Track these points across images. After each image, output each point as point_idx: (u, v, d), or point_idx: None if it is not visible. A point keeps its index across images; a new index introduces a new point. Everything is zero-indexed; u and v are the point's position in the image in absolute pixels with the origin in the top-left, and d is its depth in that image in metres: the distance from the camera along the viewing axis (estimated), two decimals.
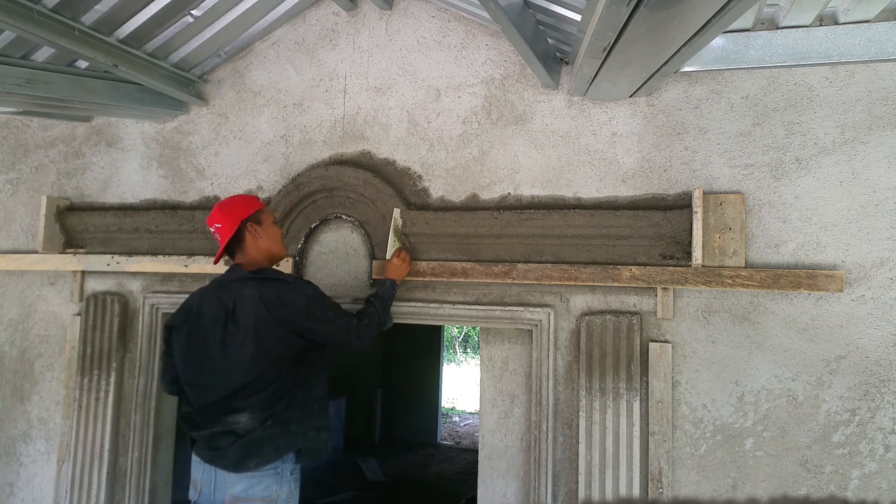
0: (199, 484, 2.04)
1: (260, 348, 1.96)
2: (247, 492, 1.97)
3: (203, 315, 2.05)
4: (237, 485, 1.98)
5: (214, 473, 2.02)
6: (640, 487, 2.17)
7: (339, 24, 2.72)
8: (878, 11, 1.91)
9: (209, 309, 2.05)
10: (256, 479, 1.98)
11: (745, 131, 2.21)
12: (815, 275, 2.04)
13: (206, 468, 2.03)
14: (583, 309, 2.32)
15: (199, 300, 2.10)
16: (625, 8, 1.38)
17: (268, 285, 2.02)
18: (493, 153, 2.47)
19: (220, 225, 2.11)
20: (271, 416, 1.99)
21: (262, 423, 1.97)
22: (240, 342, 1.97)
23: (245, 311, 1.99)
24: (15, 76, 2.25)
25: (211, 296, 2.08)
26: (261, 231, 2.14)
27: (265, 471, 1.98)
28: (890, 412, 2.03)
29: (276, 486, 2.00)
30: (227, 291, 2.05)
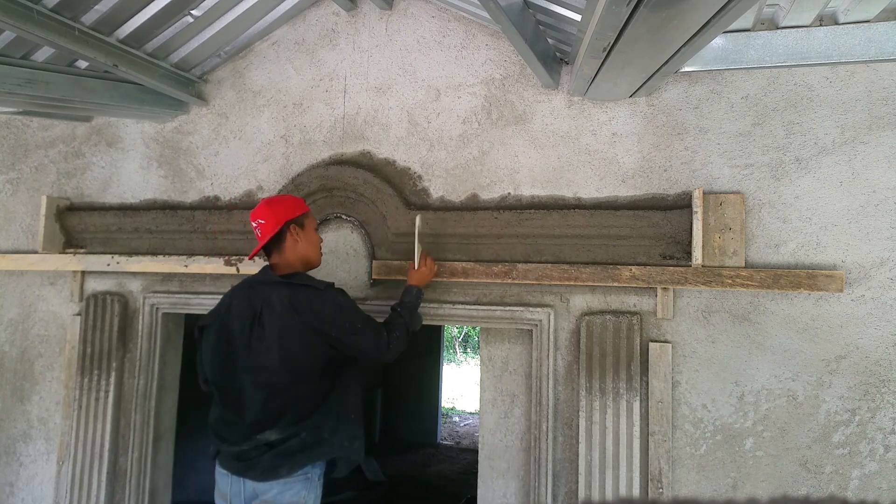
0: (229, 496, 1.99)
1: (285, 354, 1.92)
2: (277, 497, 1.94)
3: (232, 314, 2.03)
4: (269, 491, 1.94)
5: (243, 485, 1.97)
6: (640, 487, 2.17)
7: (339, 24, 2.72)
8: (878, 11, 1.91)
9: (238, 308, 2.03)
10: (289, 485, 1.95)
11: (745, 131, 2.21)
12: (815, 275, 2.04)
13: (235, 479, 1.98)
14: (583, 309, 2.32)
15: (230, 299, 2.08)
16: (625, 8, 1.38)
17: (299, 290, 1.98)
18: (493, 153, 2.47)
19: (264, 221, 2.06)
20: (305, 427, 1.95)
21: (295, 435, 1.94)
22: (265, 346, 1.94)
23: (272, 314, 1.95)
24: (15, 76, 2.25)
25: (241, 295, 2.06)
26: (302, 236, 2.11)
27: (297, 476, 1.96)
28: (890, 412, 2.03)
29: (304, 491, 1.98)
30: (257, 293, 2.02)
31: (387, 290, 2.53)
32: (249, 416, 1.95)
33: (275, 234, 2.06)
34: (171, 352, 2.91)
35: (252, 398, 1.94)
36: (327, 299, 1.98)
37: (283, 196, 2.19)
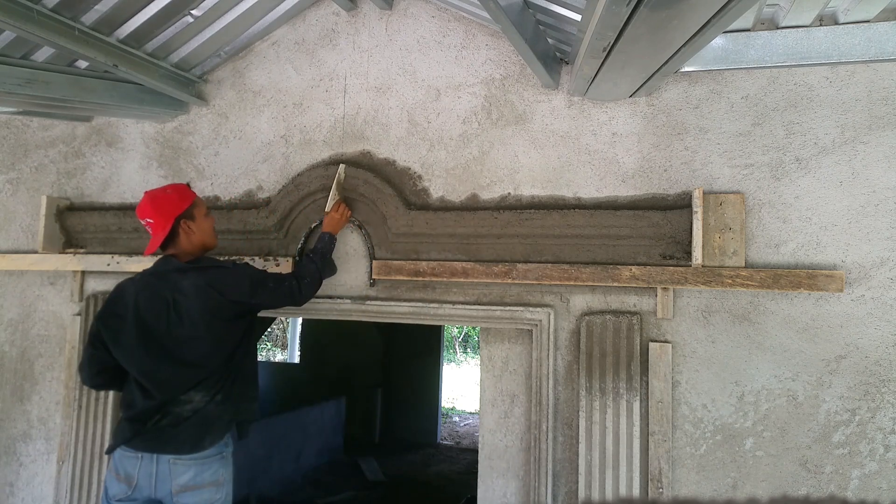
0: (135, 478, 2.01)
1: (211, 333, 2.04)
2: (196, 479, 2.01)
3: (141, 308, 2.06)
4: (185, 473, 2.00)
5: (156, 466, 2.01)
6: (640, 487, 2.17)
7: (339, 24, 2.72)
8: (878, 11, 1.91)
9: (147, 301, 2.06)
10: (206, 464, 2.04)
11: (745, 131, 2.21)
12: (815, 275, 2.04)
13: (145, 462, 2.01)
14: (583, 309, 2.32)
15: (134, 293, 2.10)
16: (625, 8, 1.38)
17: (212, 273, 2.10)
18: (493, 153, 2.47)
19: (153, 220, 2.11)
20: (220, 391, 2.08)
21: (212, 398, 2.06)
22: (188, 331, 2.02)
23: (189, 300, 2.04)
24: (15, 76, 2.25)
25: (146, 288, 2.09)
26: (194, 227, 2.17)
27: (213, 456, 2.05)
28: (890, 412, 2.03)
29: (222, 469, 2.09)
30: (165, 283, 2.08)
31: (387, 290, 2.53)
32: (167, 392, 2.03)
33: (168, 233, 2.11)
34: None
35: (174, 380, 2.03)
36: (239, 274, 2.13)
37: (167, 189, 2.21)
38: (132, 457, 2.03)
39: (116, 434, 2.09)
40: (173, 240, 2.16)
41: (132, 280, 2.16)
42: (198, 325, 2.03)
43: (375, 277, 2.50)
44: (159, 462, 2.01)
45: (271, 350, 14.85)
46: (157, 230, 2.12)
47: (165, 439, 2.01)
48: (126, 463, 2.04)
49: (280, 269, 2.59)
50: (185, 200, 2.17)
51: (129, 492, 2.02)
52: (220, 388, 2.08)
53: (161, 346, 2.04)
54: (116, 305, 2.11)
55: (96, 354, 2.12)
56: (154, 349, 2.04)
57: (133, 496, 2.03)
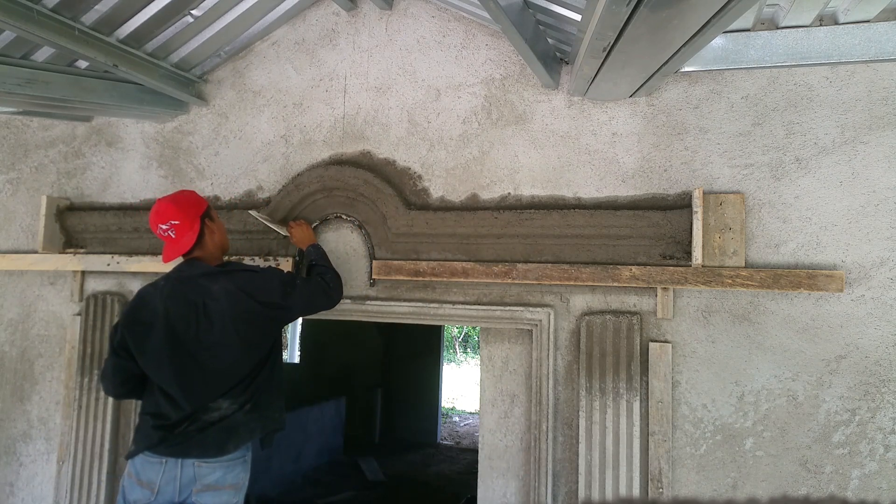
0: (157, 484, 1.99)
1: (242, 337, 2.01)
2: (220, 480, 2.01)
3: (171, 315, 2.01)
4: (211, 475, 2.00)
5: (180, 470, 1.99)
6: (640, 487, 2.17)
7: (339, 24, 2.72)
8: (878, 11, 1.91)
9: (176, 308, 2.02)
10: (230, 467, 2.03)
11: (745, 131, 2.21)
12: (815, 275, 2.04)
13: (168, 466, 2.00)
14: (583, 309, 2.32)
15: (163, 299, 2.04)
16: (625, 8, 1.39)
17: (242, 276, 2.09)
18: (493, 153, 2.47)
19: (178, 222, 2.07)
20: (249, 400, 2.06)
21: (241, 407, 2.04)
22: (218, 336, 2.00)
23: (220, 304, 2.01)
24: (15, 76, 2.25)
25: (174, 293, 2.04)
26: (215, 227, 2.18)
27: (236, 458, 2.05)
28: (890, 412, 2.03)
29: (243, 473, 2.09)
30: (194, 288, 2.04)
31: (387, 290, 2.53)
32: (197, 401, 2.01)
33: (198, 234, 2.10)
34: None
35: (202, 388, 2.01)
36: (269, 276, 2.13)
37: (183, 192, 2.20)
38: (155, 462, 2.00)
39: (139, 440, 2.04)
40: (200, 241, 2.12)
41: (155, 286, 2.10)
42: (228, 330, 1.99)
43: (375, 277, 2.50)
44: (184, 465, 1.99)
45: None
46: (184, 231, 2.07)
47: (191, 444, 1.99)
48: (148, 469, 2.01)
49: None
50: (202, 201, 2.18)
51: (151, 497, 1.99)
52: (249, 396, 2.06)
53: (190, 353, 2.00)
54: (141, 312, 2.05)
55: (121, 363, 2.06)
56: (183, 357, 2.00)
57: (155, 501, 2.00)
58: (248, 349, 2.04)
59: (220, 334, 2.00)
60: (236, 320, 2.01)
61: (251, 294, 2.03)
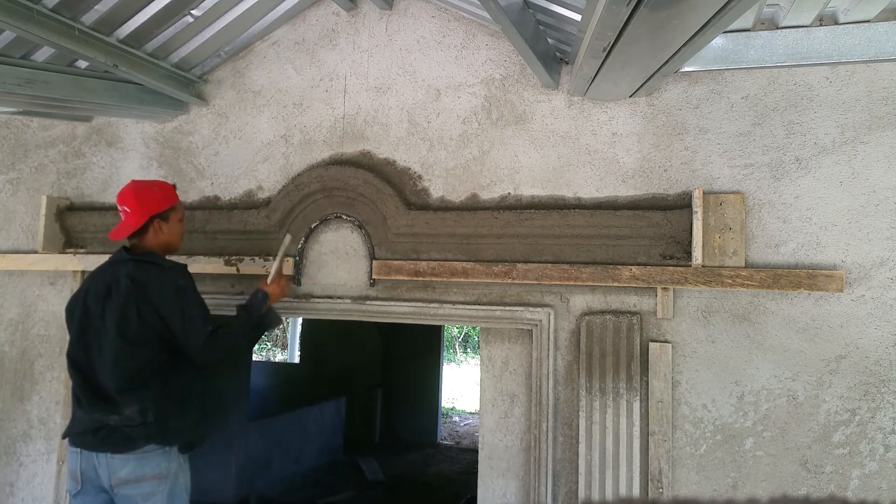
0: (80, 474, 2.03)
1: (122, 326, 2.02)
2: (134, 472, 2.00)
3: (89, 297, 2.13)
4: (123, 468, 1.99)
5: (96, 459, 2.02)
6: (640, 487, 2.17)
7: (339, 24, 2.72)
8: (878, 11, 1.91)
9: (94, 288, 2.14)
10: (146, 459, 2.01)
11: (745, 131, 2.21)
12: (815, 275, 2.04)
13: (86, 455, 2.03)
14: (583, 309, 2.32)
15: (89, 282, 2.18)
16: (625, 8, 1.39)
17: (143, 267, 2.09)
18: (493, 153, 2.47)
19: (130, 210, 2.14)
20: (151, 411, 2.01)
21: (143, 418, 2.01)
22: (110, 322, 2.05)
23: (119, 289, 2.07)
24: (15, 76, 2.25)
25: (98, 275, 2.17)
26: (165, 229, 2.19)
27: (153, 450, 2.02)
28: (890, 412, 2.03)
29: (165, 462, 2.04)
30: (110, 272, 2.14)
31: (387, 290, 2.53)
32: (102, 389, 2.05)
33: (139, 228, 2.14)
34: None
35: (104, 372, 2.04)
36: (167, 279, 2.08)
37: (154, 185, 2.23)
38: (74, 452, 2.07)
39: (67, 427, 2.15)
40: (141, 235, 2.18)
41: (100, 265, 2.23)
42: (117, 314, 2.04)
43: (375, 277, 2.50)
44: (98, 456, 2.02)
45: (271, 350, 14.85)
46: (130, 220, 2.15)
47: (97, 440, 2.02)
48: (71, 459, 2.08)
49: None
50: (167, 202, 2.19)
51: (77, 487, 2.05)
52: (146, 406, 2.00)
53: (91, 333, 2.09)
54: (77, 295, 2.21)
55: None
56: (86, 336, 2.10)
57: (82, 490, 2.05)
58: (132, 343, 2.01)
59: (113, 319, 2.05)
60: (124, 308, 2.03)
61: (140, 285, 2.04)
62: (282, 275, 2.39)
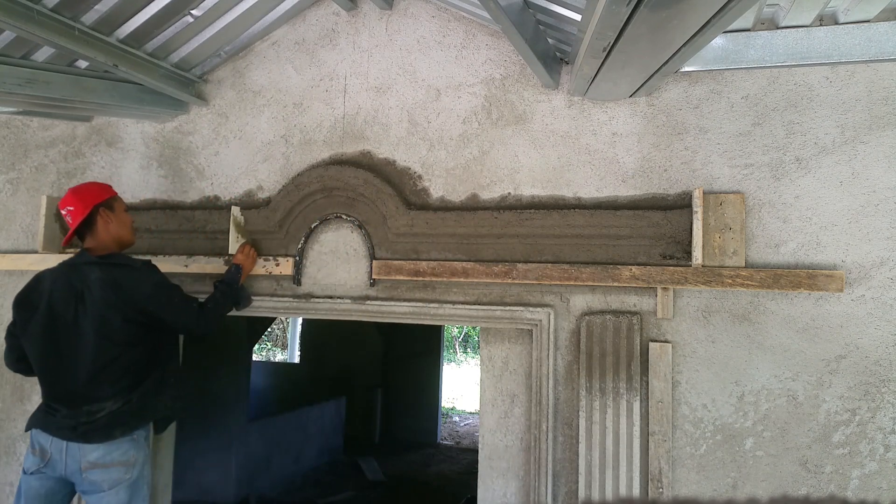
0: (49, 452, 2.08)
1: (106, 330, 2.08)
2: (104, 458, 2.07)
3: (54, 299, 2.13)
4: (94, 452, 2.06)
5: (66, 443, 2.07)
6: (640, 487, 2.17)
7: (339, 24, 2.72)
8: (878, 11, 1.91)
9: (59, 292, 2.13)
10: (114, 445, 2.08)
11: (745, 131, 2.21)
12: (815, 275, 2.04)
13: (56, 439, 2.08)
14: (583, 309, 2.32)
15: (50, 283, 2.17)
16: (625, 8, 1.39)
17: (116, 270, 2.15)
18: (493, 153, 2.47)
19: (73, 208, 2.18)
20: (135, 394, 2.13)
21: (128, 401, 2.10)
22: (90, 325, 2.07)
23: (93, 294, 2.09)
24: (15, 76, 2.25)
25: (61, 278, 2.16)
26: (113, 217, 2.25)
27: (122, 437, 2.10)
28: (890, 412, 2.03)
29: (133, 450, 2.13)
30: (77, 274, 2.14)
31: (387, 290, 2.53)
32: (81, 390, 2.08)
33: (84, 218, 2.18)
34: None
35: (82, 374, 2.07)
36: (143, 277, 2.17)
37: (88, 183, 2.32)
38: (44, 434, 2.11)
39: (32, 417, 2.16)
40: (91, 229, 2.22)
41: (51, 270, 2.22)
42: (98, 321, 2.08)
43: (375, 277, 2.50)
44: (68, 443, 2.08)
45: (271, 350, 14.86)
46: (75, 216, 2.18)
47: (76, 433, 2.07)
48: (40, 437, 2.11)
49: (280, 269, 2.60)
50: (105, 192, 2.27)
51: (41, 464, 2.09)
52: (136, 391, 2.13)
53: (64, 336, 2.10)
54: (31, 294, 2.19)
55: (13, 342, 2.24)
56: (57, 339, 2.10)
57: (45, 470, 2.09)
58: (113, 343, 2.09)
59: (92, 323, 2.07)
60: (105, 313, 2.08)
61: (119, 289, 2.10)
62: (243, 244, 2.56)
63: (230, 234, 2.61)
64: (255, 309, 2.67)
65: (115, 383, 2.10)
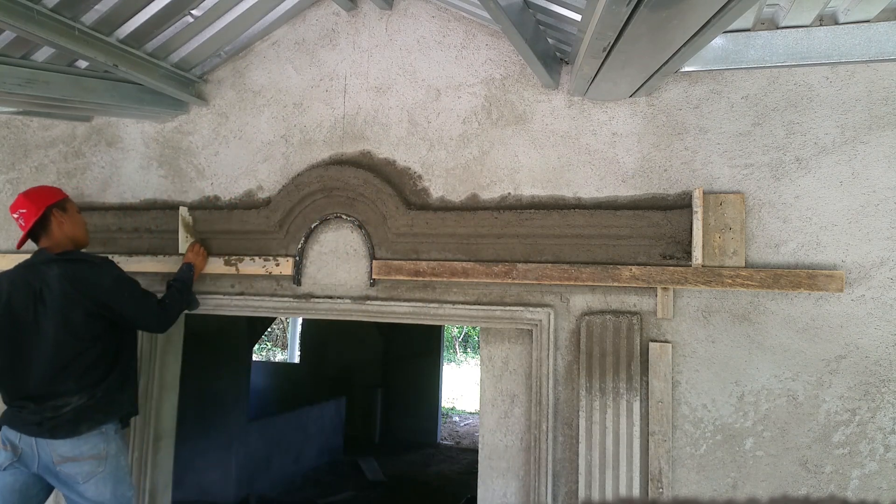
0: (20, 447, 2.13)
1: (68, 327, 2.12)
2: (74, 451, 2.11)
3: (13, 298, 2.17)
4: (63, 446, 2.10)
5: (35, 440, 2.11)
6: (640, 487, 2.17)
7: (339, 24, 2.72)
8: (878, 11, 1.91)
9: (18, 294, 2.17)
10: (83, 439, 2.13)
11: (745, 131, 2.21)
12: (815, 275, 2.04)
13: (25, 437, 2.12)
14: (583, 309, 2.32)
15: (8, 284, 2.21)
16: (625, 8, 1.39)
17: (74, 265, 2.20)
18: (493, 153, 2.47)
19: (25, 210, 2.25)
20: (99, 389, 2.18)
21: (92, 396, 2.15)
22: (51, 322, 2.11)
23: (52, 291, 2.13)
24: (15, 76, 2.25)
25: (19, 279, 2.20)
26: (66, 218, 2.31)
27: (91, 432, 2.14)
28: (890, 412, 2.03)
29: (103, 444, 2.17)
30: (34, 273, 2.19)
31: (387, 290, 2.53)
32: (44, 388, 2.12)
33: (38, 219, 2.24)
34: (170, 352, 2.91)
35: (46, 372, 2.11)
36: (104, 272, 2.22)
37: (39, 186, 2.39)
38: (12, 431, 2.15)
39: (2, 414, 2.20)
40: (46, 229, 2.28)
41: (7, 272, 2.27)
42: (58, 318, 2.11)
43: (375, 277, 2.50)
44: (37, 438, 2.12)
45: (271, 350, 14.86)
46: (28, 218, 2.25)
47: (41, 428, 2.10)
48: (9, 433, 2.15)
49: (280, 270, 2.60)
50: (57, 194, 2.34)
51: (13, 459, 2.13)
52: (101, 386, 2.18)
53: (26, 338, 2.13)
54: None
55: None
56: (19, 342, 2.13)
57: (18, 465, 2.14)
58: (76, 338, 2.13)
59: (53, 320, 2.12)
60: (66, 308, 2.12)
61: (79, 284, 2.15)
62: (192, 243, 2.61)
63: (179, 234, 2.65)
64: (255, 309, 2.67)
65: (80, 379, 2.14)
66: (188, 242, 2.65)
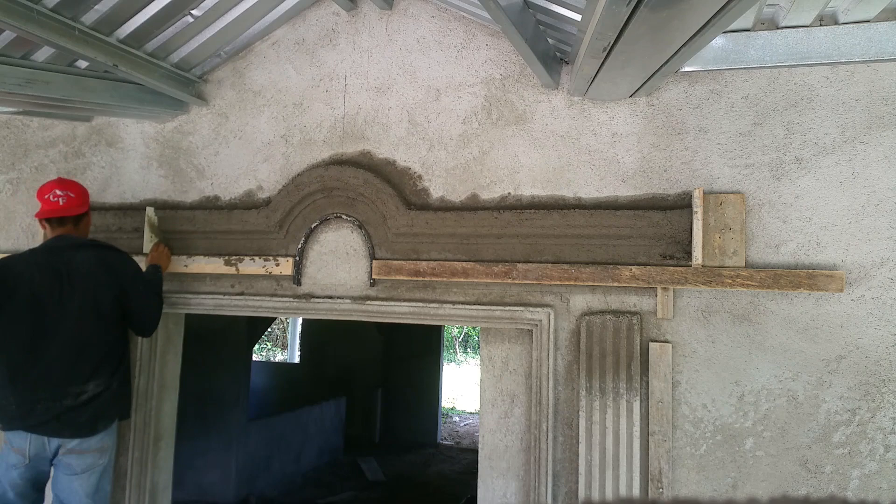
0: (28, 450, 2.16)
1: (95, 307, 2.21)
2: (81, 444, 2.19)
3: (36, 282, 2.20)
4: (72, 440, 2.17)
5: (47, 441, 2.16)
6: (640, 487, 2.17)
7: (339, 24, 2.72)
8: (878, 11, 1.91)
9: (42, 277, 2.21)
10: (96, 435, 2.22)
11: (745, 131, 2.21)
12: (815, 275, 2.04)
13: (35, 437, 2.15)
14: (583, 309, 2.32)
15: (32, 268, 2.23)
16: (625, 8, 1.39)
17: (104, 251, 2.35)
18: (493, 153, 2.47)
19: (74, 195, 2.37)
20: (115, 379, 2.28)
21: (108, 387, 2.22)
22: (76, 304, 2.17)
23: (81, 272, 2.21)
24: (15, 76, 2.25)
25: (41, 263, 2.24)
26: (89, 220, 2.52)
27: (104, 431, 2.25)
28: (890, 412, 2.03)
29: (108, 438, 2.29)
30: (58, 257, 2.24)
31: (387, 290, 2.53)
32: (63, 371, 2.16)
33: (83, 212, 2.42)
34: (171, 352, 2.91)
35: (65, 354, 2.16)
36: (128, 260, 2.39)
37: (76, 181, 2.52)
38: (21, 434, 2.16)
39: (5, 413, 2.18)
40: (78, 220, 2.40)
41: (22, 255, 2.30)
42: (86, 297, 2.18)
43: (375, 277, 2.50)
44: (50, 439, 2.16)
45: (271, 350, 14.85)
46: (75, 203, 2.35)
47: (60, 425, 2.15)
48: (17, 438, 2.17)
49: (280, 270, 2.60)
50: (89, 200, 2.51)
51: (24, 461, 2.16)
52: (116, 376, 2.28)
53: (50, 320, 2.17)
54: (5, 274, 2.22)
55: None
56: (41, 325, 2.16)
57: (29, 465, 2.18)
58: (105, 322, 2.24)
59: (79, 301, 2.18)
60: (96, 290, 2.22)
61: (110, 269, 2.28)
62: (156, 243, 2.65)
63: (144, 234, 2.68)
64: (255, 309, 2.67)
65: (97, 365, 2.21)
66: (152, 242, 2.67)
